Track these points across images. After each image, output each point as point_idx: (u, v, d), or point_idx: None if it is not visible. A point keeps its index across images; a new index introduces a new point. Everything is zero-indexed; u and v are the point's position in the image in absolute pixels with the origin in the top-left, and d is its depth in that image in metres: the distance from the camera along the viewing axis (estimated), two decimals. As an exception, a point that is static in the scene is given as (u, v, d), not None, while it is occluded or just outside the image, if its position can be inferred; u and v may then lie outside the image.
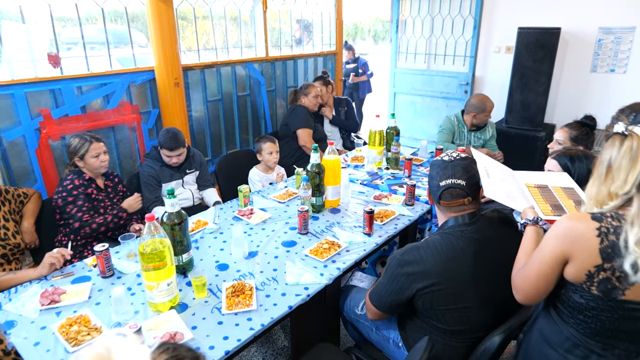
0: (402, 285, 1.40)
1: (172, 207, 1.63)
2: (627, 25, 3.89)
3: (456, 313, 1.38)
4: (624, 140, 1.05)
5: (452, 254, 1.36)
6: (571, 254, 1.08)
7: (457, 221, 1.42)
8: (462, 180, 1.40)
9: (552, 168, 1.81)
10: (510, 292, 1.35)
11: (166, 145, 2.52)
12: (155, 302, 1.49)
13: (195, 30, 3.32)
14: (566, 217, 1.13)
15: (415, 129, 5.42)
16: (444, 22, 4.88)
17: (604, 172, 1.09)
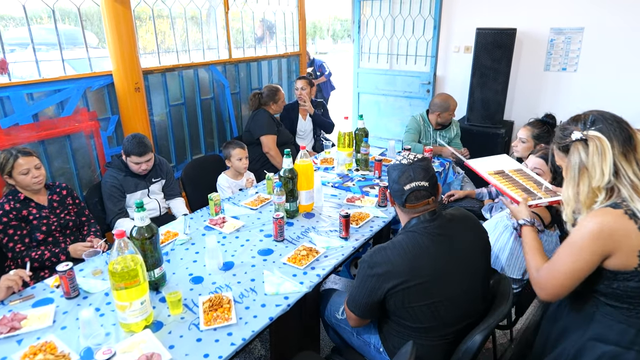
0: (373, 286, 1.42)
1: (142, 221, 1.55)
2: (576, 26, 4.09)
3: (426, 309, 1.40)
4: (586, 143, 1.20)
5: (417, 251, 1.39)
6: (614, 248, 1.15)
7: (420, 219, 1.45)
8: (425, 181, 1.44)
9: (540, 167, 1.86)
10: (476, 284, 1.44)
11: (135, 151, 2.40)
12: (127, 322, 1.41)
13: (155, 32, 3.19)
14: (592, 217, 1.18)
15: (380, 128, 5.48)
16: (404, 23, 4.95)
17: (577, 175, 1.22)
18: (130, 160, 2.43)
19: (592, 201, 1.20)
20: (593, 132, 1.19)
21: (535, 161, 1.90)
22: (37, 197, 2.13)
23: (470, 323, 1.48)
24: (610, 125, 1.20)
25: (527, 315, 1.98)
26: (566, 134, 1.25)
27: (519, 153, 2.50)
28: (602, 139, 1.17)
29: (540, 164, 1.88)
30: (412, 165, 1.45)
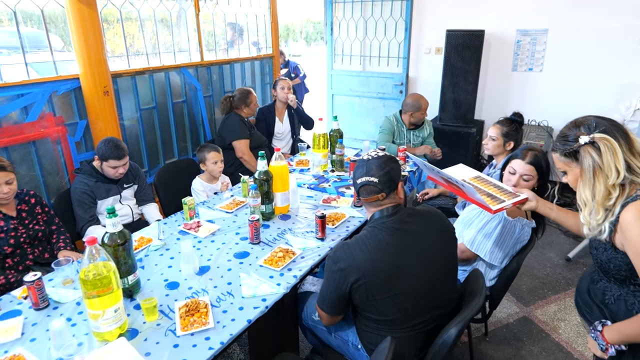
0: (338, 281, 1.45)
1: (114, 227, 1.51)
2: (541, 28, 4.23)
3: (389, 301, 1.44)
4: (597, 145, 1.24)
5: (377, 245, 1.44)
6: None
7: (382, 213, 1.51)
8: (375, 177, 1.48)
9: (529, 172, 1.89)
10: (437, 275, 1.47)
11: (113, 155, 2.34)
12: (101, 331, 1.37)
13: (123, 34, 3.13)
14: (633, 210, 1.20)
15: (355, 129, 5.52)
16: (376, 25, 5.01)
17: (592, 176, 1.25)
18: (108, 165, 2.37)
19: (607, 199, 1.24)
20: (599, 134, 1.23)
21: (526, 167, 1.90)
22: (5, 208, 2.04)
23: (440, 314, 1.52)
24: (611, 126, 1.25)
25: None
26: (571, 139, 1.28)
27: (489, 151, 2.56)
28: (610, 139, 1.22)
29: (530, 170, 1.89)
30: (368, 161, 1.52)
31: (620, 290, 1.34)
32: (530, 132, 4.25)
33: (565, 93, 4.23)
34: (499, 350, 2.42)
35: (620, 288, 1.34)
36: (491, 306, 2.06)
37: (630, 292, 1.31)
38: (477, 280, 1.63)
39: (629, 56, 3.88)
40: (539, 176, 1.90)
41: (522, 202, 1.67)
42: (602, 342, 1.31)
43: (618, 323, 1.30)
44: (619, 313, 1.33)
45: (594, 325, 1.36)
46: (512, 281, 1.98)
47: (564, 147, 1.31)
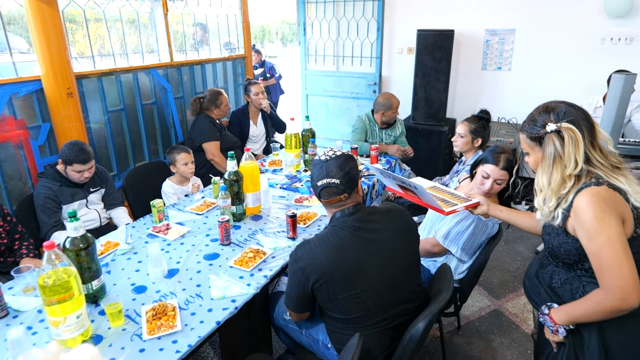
0: (300, 280, 1.46)
1: (76, 231, 1.47)
2: (508, 28, 4.33)
3: (351, 300, 1.44)
4: (561, 134, 1.26)
5: (337, 244, 1.44)
6: (622, 212, 1.22)
7: (343, 212, 1.50)
8: (336, 178, 1.46)
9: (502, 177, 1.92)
10: (398, 272, 1.48)
11: (78, 159, 2.28)
12: (62, 338, 1.33)
13: (88, 34, 3.05)
14: (584, 196, 1.23)
15: (329, 130, 5.53)
16: (349, 25, 5.04)
17: (552, 164, 1.29)
18: (72, 169, 2.31)
19: (560, 188, 1.28)
20: (566, 124, 1.26)
21: (500, 173, 1.93)
22: None
23: (404, 309, 1.53)
24: (579, 116, 1.27)
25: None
26: (539, 124, 1.31)
27: (458, 147, 2.61)
28: (575, 130, 1.25)
29: (504, 175, 1.92)
30: (327, 162, 1.49)
31: (567, 275, 1.37)
32: (500, 130, 4.34)
33: (533, 91, 4.34)
34: (471, 343, 2.46)
35: (567, 272, 1.37)
36: (461, 299, 2.09)
37: (576, 276, 1.34)
38: (444, 274, 1.66)
39: (592, 55, 4.01)
40: (511, 177, 1.93)
41: (474, 205, 1.74)
42: (551, 324, 1.35)
43: (564, 305, 1.34)
44: (565, 296, 1.36)
45: (541, 309, 1.40)
46: (481, 273, 2.01)
47: (531, 131, 1.34)
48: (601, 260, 1.21)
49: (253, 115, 3.76)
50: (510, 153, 1.95)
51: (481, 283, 2.97)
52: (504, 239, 3.53)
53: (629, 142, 3.35)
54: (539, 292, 1.45)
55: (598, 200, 1.21)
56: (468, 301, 2.77)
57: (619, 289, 1.18)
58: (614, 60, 3.86)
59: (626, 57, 3.87)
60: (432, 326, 1.95)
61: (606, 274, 1.21)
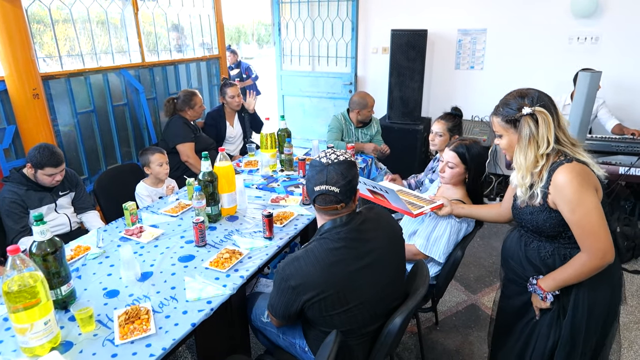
0: (289, 299, 1.39)
1: (42, 235, 1.42)
2: (480, 27, 4.42)
3: (344, 315, 1.40)
4: (535, 117, 1.38)
5: (331, 259, 1.36)
6: (595, 183, 1.37)
7: (335, 223, 1.42)
8: (337, 187, 1.37)
9: (451, 160, 1.98)
10: (388, 282, 1.47)
11: (50, 162, 2.20)
12: (30, 346, 1.29)
13: (54, 35, 2.96)
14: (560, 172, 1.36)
15: (306, 130, 5.53)
16: (324, 25, 5.04)
17: (527, 144, 1.40)
18: (44, 172, 2.23)
19: (533, 166, 1.41)
20: (539, 107, 1.38)
21: (449, 154, 1.99)
22: None
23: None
24: (549, 101, 1.41)
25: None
26: (514, 108, 1.42)
27: (436, 146, 2.63)
28: (547, 114, 1.38)
29: (452, 157, 1.98)
30: (328, 166, 1.38)
31: (552, 246, 1.49)
32: (474, 128, 4.42)
33: (505, 90, 4.36)
34: (449, 337, 2.49)
35: (552, 244, 1.49)
36: (438, 294, 2.11)
37: (561, 245, 1.47)
38: (421, 270, 1.67)
39: (560, 54, 4.13)
40: (465, 165, 1.97)
41: (439, 207, 1.88)
42: (540, 291, 1.49)
43: (551, 273, 1.47)
44: (556, 265, 1.48)
45: (530, 281, 1.53)
46: (456, 268, 2.04)
47: (506, 114, 1.44)
48: (582, 228, 1.36)
49: (229, 116, 3.72)
50: (469, 142, 2.00)
51: (457, 279, 3.02)
52: (480, 234, 3.60)
53: (597, 137, 3.47)
54: (524, 269, 1.56)
55: (575, 176, 1.34)
56: (445, 297, 2.81)
57: (599, 250, 1.35)
58: (581, 59, 3.98)
59: (592, 56, 4.00)
60: (410, 321, 1.97)
61: (587, 240, 1.36)
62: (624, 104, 3.97)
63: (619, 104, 3.95)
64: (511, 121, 1.43)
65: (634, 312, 2.66)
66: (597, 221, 1.34)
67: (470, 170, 1.98)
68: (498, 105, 1.48)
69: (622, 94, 3.97)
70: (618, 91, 3.96)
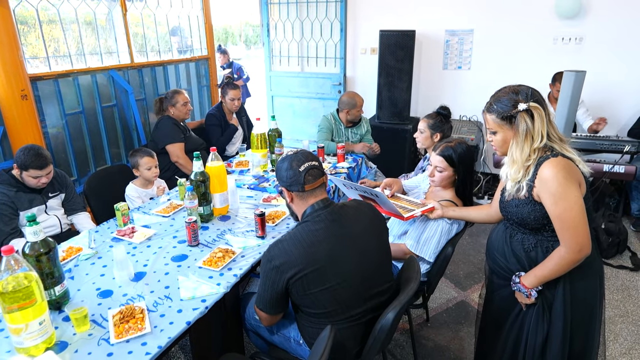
0: (273, 279, 1.45)
1: (35, 236, 1.42)
2: (467, 28, 4.48)
3: (326, 293, 1.45)
4: (532, 112, 1.41)
5: (311, 239, 1.44)
6: (578, 178, 1.41)
7: (314, 207, 1.51)
8: (315, 161, 1.53)
9: (439, 164, 1.99)
10: (370, 265, 1.52)
11: (35, 165, 2.18)
12: (25, 346, 1.28)
13: (42, 35, 2.94)
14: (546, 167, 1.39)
15: (296, 130, 5.54)
16: (312, 26, 5.07)
17: (524, 138, 1.43)
18: (28, 174, 2.22)
19: (527, 160, 1.44)
20: (534, 103, 1.41)
21: (436, 159, 2.00)
22: None
23: (376, 303, 1.56)
24: (540, 96, 1.45)
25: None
26: (510, 105, 1.43)
27: (420, 143, 2.67)
28: (541, 108, 1.41)
29: (440, 161, 1.99)
30: (297, 153, 1.54)
31: (535, 239, 1.52)
32: (462, 127, 4.48)
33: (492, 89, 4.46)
34: (440, 334, 2.53)
35: (535, 236, 1.52)
36: (429, 290, 2.15)
37: (544, 238, 1.51)
38: (412, 266, 1.70)
39: (545, 54, 4.21)
40: (454, 167, 1.98)
41: (430, 210, 1.92)
42: (524, 289, 1.52)
43: (532, 270, 1.51)
44: (538, 258, 1.52)
45: (512, 279, 1.57)
46: (447, 265, 2.07)
47: (502, 110, 1.45)
48: (563, 221, 1.40)
49: (229, 116, 3.72)
50: (454, 144, 2.00)
51: (447, 276, 3.06)
52: (469, 232, 3.65)
53: (581, 136, 3.54)
54: (507, 261, 1.60)
55: (560, 170, 1.37)
56: (436, 293, 2.85)
57: (577, 244, 1.39)
58: (565, 59, 4.07)
59: (576, 56, 4.09)
60: (402, 317, 2.00)
61: (566, 233, 1.40)
62: (606, 104, 4.07)
63: (601, 104, 4.04)
64: (507, 117, 1.45)
65: (619, 306, 2.73)
66: (578, 215, 1.38)
67: (459, 171, 2.00)
68: (490, 102, 1.50)
69: (605, 94, 4.07)
70: (601, 91, 4.05)
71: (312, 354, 1.37)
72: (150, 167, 2.66)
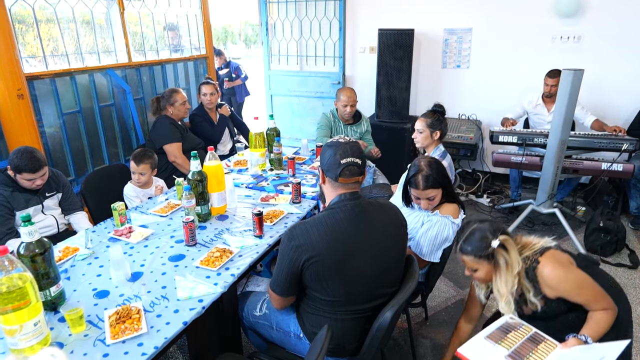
0: (291, 258, 1.47)
1: (30, 236, 1.41)
2: (466, 27, 4.47)
3: (338, 282, 1.47)
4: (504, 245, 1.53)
5: (334, 226, 1.47)
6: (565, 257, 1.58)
7: (341, 197, 1.53)
8: (359, 159, 1.53)
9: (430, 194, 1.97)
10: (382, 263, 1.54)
11: (28, 168, 2.17)
12: (19, 347, 1.27)
13: (39, 34, 2.93)
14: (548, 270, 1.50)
15: (295, 129, 5.53)
16: (311, 25, 5.06)
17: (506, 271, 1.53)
18: (22, 177, 2.20)
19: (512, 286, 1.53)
20: (502, 235, 1.53)
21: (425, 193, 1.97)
22: None
23: (381, 303, 1.55)
24: (501, 226, 1.58)
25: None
26: (484, 245, 1.53)
27: (419, 143, 2.66)
28: (509, 238, 1.54)
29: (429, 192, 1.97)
30: (347, 143, 1.55)
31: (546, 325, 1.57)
32: (461, 126, 4.47)
33: (490, 88, 4.50)
34: (439, 332, 2.52)
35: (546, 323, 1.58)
36: (427, 289, 2.14)
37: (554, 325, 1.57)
38: (410, 264, 1.69)
39: (544, 53, 4.19)
40: (441, 187, 1.98)
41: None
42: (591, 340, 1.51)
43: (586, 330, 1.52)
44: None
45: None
46: (445, 263, 2.07)
47: (479, 252, 1.54)
48: (591, 298, 1.50)
49: (211, 114, 3.69)
50: (427, 168, 1.96)
51: (446, 274, 3.05)
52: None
53: (580, 134, 3.53)
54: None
55: (555, 268, 1.50)
56: (434, 292, 2.84)
57: (610, 307, 1.50)
58: (564, 57, 4.06)
59: (575, 55, 4.08)
60: (400, 316, 1.99)
61: (599, 304, 1.50)
62: (605, 103, 4.06)
63: (600, 103, 4.03)
64: (484, 256, 1.54)
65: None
66: (595, 285, 1.50)
67: (444, 187, 2.00)
68: (462, 245, 1.58)
69: (604, 92, 4.06)
70: (599, 90, 4.05)
71: (311, 350, 1.37)
72: (134, 172, 2.61)
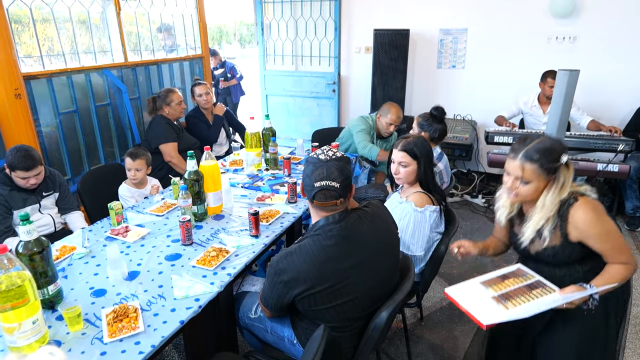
0: (280, 292, 1.44)
1: (29, 235, 1.42)
2: (461, 27, 4.50)
3: (333, 311, 1.44)
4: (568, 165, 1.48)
5: (323, 256, 1.39)
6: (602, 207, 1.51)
7: (328, 220, 1.43)
8: (337, 182, 1.39)
9: (402, 159, 1.99)
10: (379, 281, 1.49)
11: (21, 166, 2.17)
12: (18, 345, 1.28)
13: (35, 33, 2.92)
14: (584, 211, 1.44)
15: (290, 129, 5.55)
16: (307, 25, 5.07)
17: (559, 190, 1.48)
18: (16, 175, 2.21)
19: (552, 209, 1.49)
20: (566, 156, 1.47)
21: (399, 155, 1.99)
22: None
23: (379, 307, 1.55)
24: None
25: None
26: (554, 157, 1.44)
27: None
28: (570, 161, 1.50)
29: (403, 156, 1.99)
30: (327, 162, 1.40)
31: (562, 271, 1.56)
32: (457, 126, 4.50)
33: (486, 89, 4.53)
34: (434, 332, 2.54)
35: (562, 270, 1.56)
36: (423, 290, 2.16)
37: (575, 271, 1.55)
38: (405, 265, 1.71)
39: (540, 54, 4.23)
40: (416, 160, 1.99)
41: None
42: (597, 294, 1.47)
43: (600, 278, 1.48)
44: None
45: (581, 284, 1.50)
46: (440, 264, 2.09)
47: (548, 164, 1.44)
48: (614, 250, 1.47)
49: (207, 116, 3.70)
50: (413, 138, 2.01)
51: (441, 275, 3.08)
52: (462, 231, 3.68)
53: (575, 135, 3.57)
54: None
55: (590, 211, 1.44)
56: (429, 292, 2.86)
57: (631, 262, 1.47)
58: (559, 58, 4.10)
59: (570, 55, 4.12)
60: (396, 316, 2.01)
61: (621, 256, 1.47)
62: (600, 103, 4.10)
63: (595, 103, 4.07)
64: (549, 169, 1.45)
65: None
66: (622, 240, 1.48)
67: (421, 164, 2.00)
68: (529, 152, 1.45)
69: (599, 93, 4.10)
70: (595, 90, 4.08)
71: (306, 353, 1.38)
72: (130, 169, 2.63)
